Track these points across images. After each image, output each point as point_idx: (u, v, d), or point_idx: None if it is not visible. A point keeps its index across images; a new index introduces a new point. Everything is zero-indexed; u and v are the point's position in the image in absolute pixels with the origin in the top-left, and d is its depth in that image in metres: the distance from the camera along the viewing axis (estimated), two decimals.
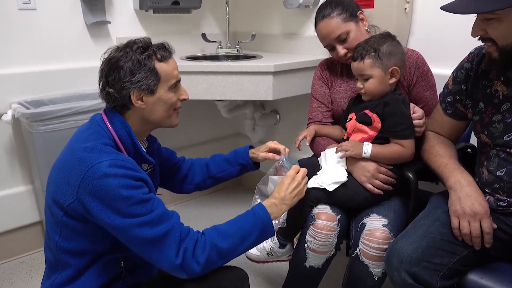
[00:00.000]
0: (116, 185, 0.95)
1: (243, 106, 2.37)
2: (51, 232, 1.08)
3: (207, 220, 2.38)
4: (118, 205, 0.95)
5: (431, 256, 1.08)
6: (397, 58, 1.28)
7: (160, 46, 1.08)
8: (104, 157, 0.97)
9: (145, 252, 0.99)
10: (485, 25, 1.01)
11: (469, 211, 1.07)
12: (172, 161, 1.38)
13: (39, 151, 1.78)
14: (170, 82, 1.09)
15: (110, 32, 2.11)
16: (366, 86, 1.29)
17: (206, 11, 2.43)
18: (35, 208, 2.04)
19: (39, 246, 2.09)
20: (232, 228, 1.06)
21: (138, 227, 0.96)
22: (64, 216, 1.02)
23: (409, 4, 1.71)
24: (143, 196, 0.98)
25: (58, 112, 1.74)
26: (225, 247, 1.03)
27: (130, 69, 1.03)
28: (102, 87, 1.08)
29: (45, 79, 1.94)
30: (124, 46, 1.06)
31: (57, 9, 1.93)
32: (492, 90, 1.13)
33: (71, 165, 1.00)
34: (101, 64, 1.08)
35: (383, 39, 1.29)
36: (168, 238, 0.98)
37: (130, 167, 1.00)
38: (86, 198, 0.96)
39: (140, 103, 1.07)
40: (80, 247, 1.05)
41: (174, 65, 1.11)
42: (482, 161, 1.18)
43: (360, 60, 1.28)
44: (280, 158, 1.31)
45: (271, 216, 1.11)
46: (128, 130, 1.07)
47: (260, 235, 1.09)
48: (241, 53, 2.30)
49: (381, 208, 1.30)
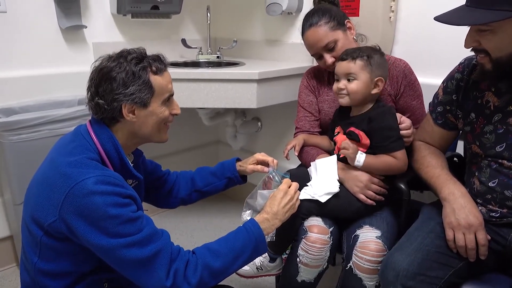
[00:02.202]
0: (103, 203, 0.89)
1: (225, 113, 2.33)
2: (28, 253, 1.00)
3: (187, 229, 2.32)
4: (104, 224, 0.89)
5: (427, 269, 1.07)
6: (384, 72, 1.30)
7: (155, 58, 1.03)
8: (90, 173, 0.91)
9: (133, 274, 0.93)
10: (479, 37, 1.01)
11: (464, 223, 1.06)
12: (157, 175, 1.32)
13: (10, 162, 1.67)
14: (164, 96, 1.04)
15: (86, 37, 2.03)
16: (350, 86, 1.27)
17: (186, 16, 2.38)
18: (4, 222, 1.92)
19: (9, 263, 1.98)
20: (224, 246, 1.01)
21: (126, 247, 0.90)
22: (44, 236, 0.95)
23: (394, 13, 1.71)
24: (132, 215, 0.92)
25: (31, 121, 1.65)
26: (218, 267, 0.98)
27: (123, 81, 0.98)
28: (91, 97, 1.01)
29: (17, 86, 1.83)
30: (117, 56, 1.01)
31: (29, 12, 1.83)
32: (483, 100, 1.14)
33: (53, 181, 0.93)
34: (91, 73, 1.02)
35: (375, 51, 1.29)
36: (158, 259, 0.93)
37: (118, 184, 0.94)
38: (70, 217, 0.90)
39: (132, 116, 1.01)
40: (61, 268, 0.98)
41: (168, 78, 1.06)
42: (473, 171, 1.18)
43: (351, 60, 1.27)
44: (268, 170, 1.27)
45: (263, 231, 1.07)
46: (115, 144, 1.01)
47: (253, 252, 1.05)
48: (222, 59, 2.26)
49: (374, 219, 1.28)
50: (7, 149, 1.65)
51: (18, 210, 1.72)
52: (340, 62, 1.30)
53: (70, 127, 1.70)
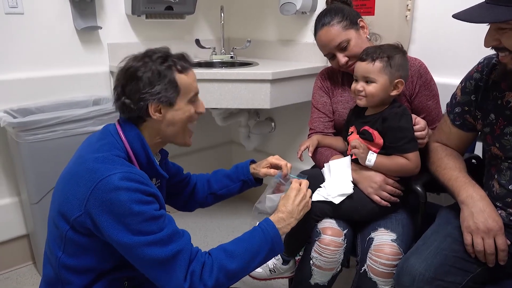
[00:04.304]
0: (128, 199, 0.90)
1: (238, 113, 2.32)
2: (53, 247, 1.02)
3: (201, 230, 2.32)
4: (128, 220, 0.90)
5: (444, 274, 1.04)
6: (405, 73, 1.26)
7: (180, 57, 1.05)
8: (117, 169, 0.92)
9: (152, 273, 0.93)
10: (499, 35, 0.98)
11: (483, 227, 1.03)
12: (180, 177, 1.32)
13: (26, 161, 1.69)
14: (189, 95, 1.05)
15: (101, 38, 2.04)
16: (368, 89, 1.24)
17: (200, 16, 2.38)
18: (21, 221, 1.95)
19: (26, 261, 2.00)
20: (240, 247, 1.01)
21: (147, 246, 0.91)
22: (70, 230, 0.96)
23: (410, 12, 1.68)
24: (155, 213, 0.93)
25: (47, 121, 1.67)
26: (234, 268, 0.97)
27: (149, 80, 0.99)
28: (118, 97, 1.03)
29: (33, 86, 1.86)
30: (143, 56, 1.02)
31: (45, 13, 1.85)
32: (503, 101, 1.10)
33: (80, 176, 0.94)
34: (117, 73, 1.04)
35: (396, 50, 1.25)
36: (178, 260, 0.93)
37: (142, 181, 0.95)
38: (95, 211, 0.91)
39: (158, 115, 1.02)
40: (83, 264, 0.99)
41: (193, 77, 1.07)
42: (493, 174, 1.15)
43: (370, 61, 1.23)
44: (275, 175, 1.25)
45: (279, 231, 1.06)
46: (143, 143, 1.03)
47: (270, 252, 1.04)
48: (235, 59, 2.26)
49: (389, 221, 1.26)
50: (24, 149, 1.66)
51: (35, 209, 1.75)
52: (359, 62, 1.27)
53: (85, 127, 1.73)
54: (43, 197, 1.72)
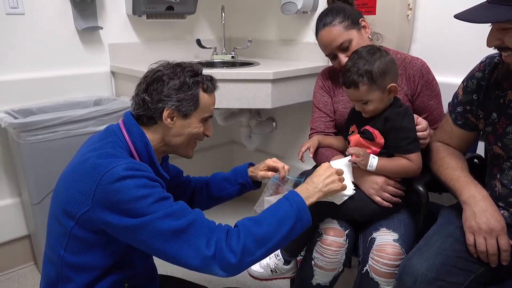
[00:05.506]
0: (134, 185, 0.91)
1: (239, 113, 2.32)
2: (55, 246, 1.02)
3: None
4: (138, 204, 0.90)
5: (446, 274, 1.03)
6: (391, 74, 1.21)
7: (208, 78, 1.09)
8: (121, 161, 0.93)
9: (168, 249, 0.91)
10: (501, 35, 0.97)
11: (485, 227, 1.03)
12: (179, 180, 1.32)
13: (27, 162, 1.69)
14: (204, 114, 1.09)
15: (102, 38, 2.04)
16: (367, 108, 1.23)
17: (201, 16, 2.38)
18: (22, 221, 1.96)
19: (27, 261, 2.01)
20: (266, 215, 1.00)
21: (161, 219, 0.90)
22: (74, 227, 0.97)
23: (412, 11, 1.68)
24: (163, 194, 0.94)
25: (48, 121, 1.67)
26: (261, 233, 0.96)
27: (175, 87, 1.03)
28: (139, 92, 1.06)
29: (34, 87, 1.86)
30: (175, 65, 1.08)
31: (46, 14, 1.86)
32: (505, 100, 1.10)
33: (84, 172, 0.95)
34: (147, 72, 1.07)
35: (371, 56, 1.20)
36: (194, 229, 0.92)
37: (146, 170, 0.96)
38: (103, 205, 0.91)
39: (170, 121, 1.05)
40: (85, 262, 0.99)
41: (214, 100, 1.12)
42: (495, 173, 1.14)
43: (354, 88, 1.20)
44: (271, 177, 1.25)
45: (305, 200, 1.04)
46: (146, 143, 1.04)
47: (297, 221, 1.01)
48: (236, 59, 2.25)
49: (390, 222, 1.25)
50: (25, 150, 1.66)
51: (36, 210, 1.75)
52: (346, 89, 1.24)
53: (86, 128, 1.73)
54: (44, 197, 1.72)
